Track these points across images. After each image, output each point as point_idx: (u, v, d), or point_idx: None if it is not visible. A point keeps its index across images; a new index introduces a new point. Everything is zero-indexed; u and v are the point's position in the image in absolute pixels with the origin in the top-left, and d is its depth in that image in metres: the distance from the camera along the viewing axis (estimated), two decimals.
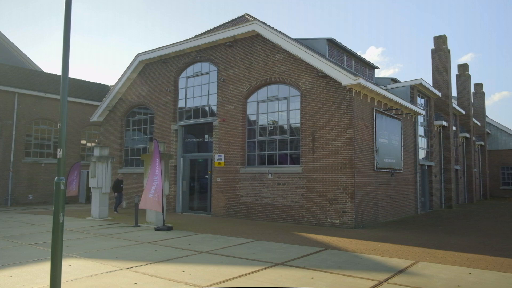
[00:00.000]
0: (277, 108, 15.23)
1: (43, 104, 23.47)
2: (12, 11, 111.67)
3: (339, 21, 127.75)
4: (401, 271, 7.04)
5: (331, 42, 17.93)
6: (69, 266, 7.29)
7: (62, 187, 4.54)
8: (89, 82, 28.02)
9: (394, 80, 23.17)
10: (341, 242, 10.05)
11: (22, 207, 20.78)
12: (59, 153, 4.59)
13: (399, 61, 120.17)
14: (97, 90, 27.25)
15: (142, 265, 7.36)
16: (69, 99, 24.66)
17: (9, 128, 22.17)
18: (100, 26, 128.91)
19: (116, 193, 17.74)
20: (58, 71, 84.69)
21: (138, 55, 19.44)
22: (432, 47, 23.95)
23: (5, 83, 22.01)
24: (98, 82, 29.13)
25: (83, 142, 25.95)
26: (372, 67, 21.75)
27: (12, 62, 26.06)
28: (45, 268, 7.09)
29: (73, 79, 26.92)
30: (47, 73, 26.01)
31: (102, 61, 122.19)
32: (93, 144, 26.00)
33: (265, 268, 7.20)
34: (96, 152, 15.65)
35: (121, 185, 17.84)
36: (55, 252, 4.68)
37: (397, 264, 7.59)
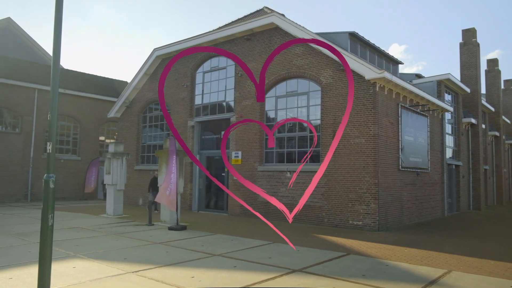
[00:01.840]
0: (297, 103, 14.59)
1: (63, 100, 23.39)
2: (34, 8, 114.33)
3: (361, 17, 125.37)
4: (432, 282, 6.35)
5: (353, 36, 17.09)
6: (73, 268, 6.91)
7: (52, 185, 4.11)
8: (108, 78, 27.94)
9: (419, 76, 22.08)
10: (364, 246, 9.37)
11: (41, 203, 20.81)
12: (49, 147, 4.17)
13: (423, 59, 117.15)
14: (117, 87, 27.13)
15: (150, 269, 6.91)
16: (88, 95, 24.67)
17: (29, 124, 22.28)
18: (124, 24, 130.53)
19: (152, 192, 16.47)
20: (78, 68, 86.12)
21: (154, 50, 19.10)
22: (460, 41, 22.77)
23: (26, 79, 22.08)
24: (120, 79, 29.08)
25: (101, 138, 25.95)
26: (396, 62, 20.75)
27: (33, 58, 26.25)
28: None
29: (92, 75, 26.90)
30: (67, 70, 26.01)
31: (126, 59, 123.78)
32: (111, 141, 25.94)
33: (281, 275, 6.64)
34: (111, 148, 15.38)
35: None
36: (43, 257, 4.25)
37: (427, 274, 6.88)
